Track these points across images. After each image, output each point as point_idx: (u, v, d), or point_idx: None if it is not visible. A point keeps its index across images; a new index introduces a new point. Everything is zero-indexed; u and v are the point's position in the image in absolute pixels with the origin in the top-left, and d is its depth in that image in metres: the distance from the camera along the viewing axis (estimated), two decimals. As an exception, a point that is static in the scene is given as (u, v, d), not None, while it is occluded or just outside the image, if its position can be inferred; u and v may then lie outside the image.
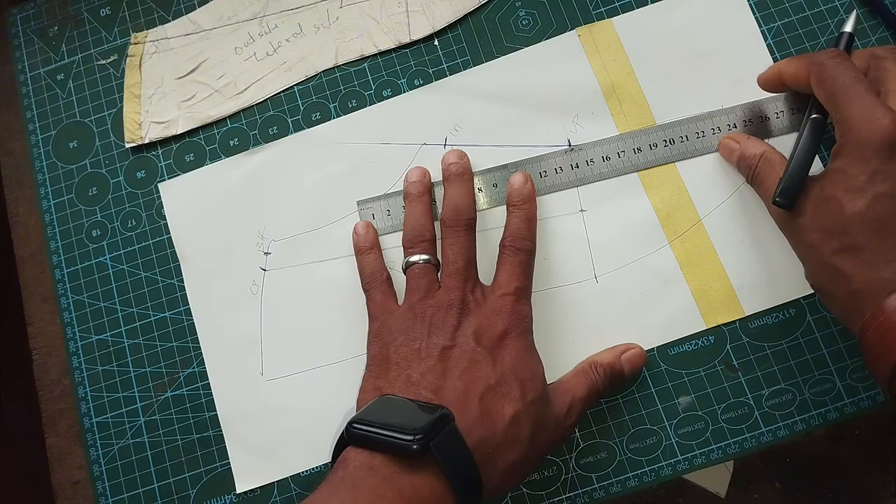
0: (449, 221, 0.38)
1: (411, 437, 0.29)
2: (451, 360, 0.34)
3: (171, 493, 0.40)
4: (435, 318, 0.35)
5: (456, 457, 0.30)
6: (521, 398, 0.33)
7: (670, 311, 0.39)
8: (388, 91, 0.43)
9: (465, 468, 0.30)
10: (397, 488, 0.29)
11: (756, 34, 0.41)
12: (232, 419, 0.41)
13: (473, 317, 0.35)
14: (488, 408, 0.32)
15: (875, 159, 0.31)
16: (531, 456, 0.33)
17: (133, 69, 0.46)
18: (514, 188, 0.39)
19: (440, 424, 0.30)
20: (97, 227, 0.44)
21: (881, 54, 0.35)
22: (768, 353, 0.38)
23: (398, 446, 0.30)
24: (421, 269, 0.37)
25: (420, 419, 0.30)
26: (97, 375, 0.42)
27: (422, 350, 0.34)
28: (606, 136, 0.41)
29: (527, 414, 0.33)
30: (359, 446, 0.31)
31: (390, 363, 0.35)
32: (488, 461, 0.31)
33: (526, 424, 0.33)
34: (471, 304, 0.36)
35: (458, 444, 0.31)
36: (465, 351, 0.34)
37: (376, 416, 0.31)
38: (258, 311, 0.42)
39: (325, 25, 0.45)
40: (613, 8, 0.43)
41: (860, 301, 0.31)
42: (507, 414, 0.32)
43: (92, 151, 0.45)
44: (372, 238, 0.40)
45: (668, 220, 0.40)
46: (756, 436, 0.38)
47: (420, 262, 0.37)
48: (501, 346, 0.34)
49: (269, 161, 0.43)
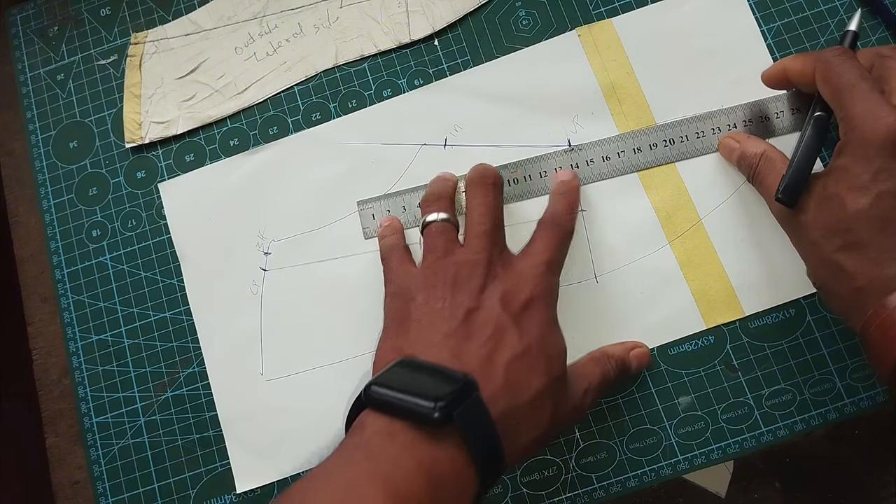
0: (475, 179, 0.36)
1: (433, 405, 0.27)
2: (475, 323, 0.32)
3: (171, 493, 0.40)
4: (459, 276, 0.33)
5: (479, 428, 0.29)
6: (547, 373, 0.32)
7: (670, 311, 0.39)
8: (388, 91, 0.43)
9: (489, 440, 0.29)
10: (417, 458, 0.28)
11: (756, 34, 0.41)
12: (232, 419, 0.41)
13: (500, 281, 0.33)
14: (514, 378, 0.31)
15: (879, 157, 0.31)
16: (549, 434, 0.32)
17: (133, 69, 0.46)
18: (562, 179, 0.39)
19: (464, 393, 0.28)
20: (97, 227, 0.44)
21: (886, 53, 0.35)
22: (768, 353, 0.38)
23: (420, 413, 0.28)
24: (439, 228, 0.35)
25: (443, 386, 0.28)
26: (97, 375, 0.42)
27: (445, 310, 0.32)
28: (606, 136, 0.41)
29: (551, 390, 0.32)
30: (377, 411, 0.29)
31: (410, 321, 0.33)
32: (511, 434, 0.30)
33: (549, 401, 0.32)
34: (497, 267, 0.34)
35: (482, 415, 0.29)
36: (491, 315, 0.32)
37: (396, 379, 0.29)
38: (258, 311, 0.42)
39: (325, 25, 0.45)
40: (613, 8, 0.43)
41: (862, 299, 0.31)
42: (534, 387, 0.31)
43: (92, 151, 0.45)
44: (396, 226, 0.39)
45: (668, 220, 0.40)
46: (756, 436, 0.38)
47: (438, 221, 0.35)
48: (527, 315, 0.33)
49: (269, 161, 0.43)
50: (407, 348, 0.32)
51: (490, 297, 0.33)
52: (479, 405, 0.29)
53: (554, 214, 0.37)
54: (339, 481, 0.27)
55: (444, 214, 0.36)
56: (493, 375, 0.31)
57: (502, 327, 0.32)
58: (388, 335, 0.34)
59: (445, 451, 0.28)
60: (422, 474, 0.27)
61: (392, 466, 0.27)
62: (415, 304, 0.33)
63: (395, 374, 0.30)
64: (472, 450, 0.28)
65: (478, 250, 0.34)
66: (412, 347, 0.32)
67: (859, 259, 0.31)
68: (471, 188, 0.36)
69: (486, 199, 0.35)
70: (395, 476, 0.27)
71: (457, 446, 0.28)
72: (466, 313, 0.32)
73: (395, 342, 0.33)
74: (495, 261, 0.34)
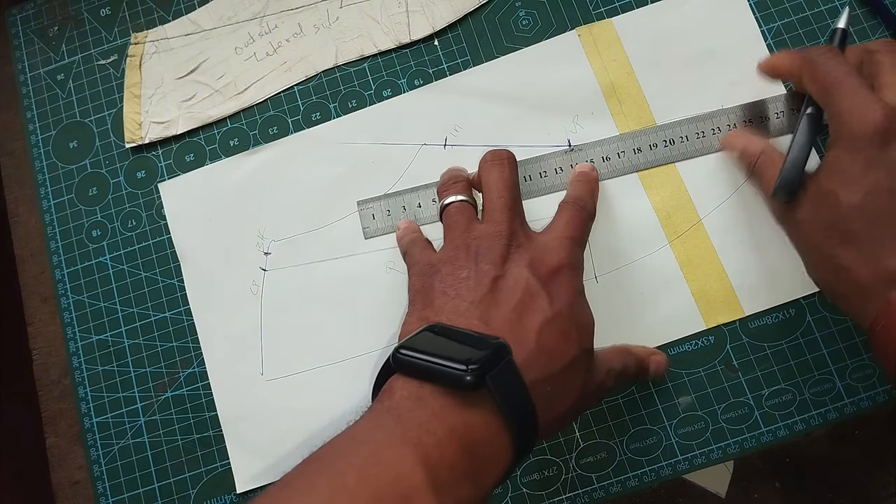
0: (489, 157, 0.35)
1: (465, 368, 0.26)
2: (503, 290, 0.31)
3: (171, 493, 0.40)
4: (482, 247, 0.32)
5: (514, 393, 0.27)
6: (578, 342, 0.30)
7: (670, 311, 0.39)
8: (388, 91, 0.43)
9: (523, 406, 0.28)
10: (449, 424, 0.26)
11: (756, 34, 0.41)
12: (232, 419, 0.41)
13: (525, 250, 0.32)
14: (546, 343, 0.30)
15: (868, 150, 0.31)
16: (578, 408, 0.31)
17: (133, 69, 0.46)
18: (581, 170, 0.39)
19: (497, 356, 0.27)
20: (97, 227, 0.44)
21: (874, 48, 0.35)
22: (768, 353, 0.38)
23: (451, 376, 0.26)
24: (458, 207, 0.35)
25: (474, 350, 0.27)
26: (97, 375, 0.42)
27: (470, 279, 0.31)
28: (606, 136, 0.41)
29: (583, 359, 0.31)
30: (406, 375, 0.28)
31: (435, 293, 0.32)
32: (545, 402, 0.29)
33: (581, 369, 0.30)
34: (521, 237, 0.33)
35: (517, 380, 0.28)
36: (519, 280, 0.31)
37: (426, 343, 0.28)
38: (258, 311, 0.42)
39: (325, 25, 0.45)
40: (613, 8, 0.43)
41: (865, 296, 0.31)
42: (568, 354, 0.30)
43: (92, 151, 0.45)
44: (413, 226, 0.39)
45: (668, 220, 0.40)
46: (756, 436, 0.38)
47: (456, 202, 0.35)
48: (556, 281, 0.31)
49: (269, 161, 0.43)
50: (433, 317, 0.31)
51: (516, 265, 0.32)
52: (512, 369, 0.28)
53: (576, 197, 0.36)
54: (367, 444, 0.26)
55: (462, 196, 0.35)
56: (524, 340, 0.29)
57: (531, 292, 0.31)
58: (414, 308, 0.32)
59: (479, 416, 0.27)
60: (454, 440, 0.26)
61: (423, 432, 0.26)
62: (439, 277, 0.32)
63: (424, 338, 0.29)
64: (507, 415, 0.27)
65: (499, 221, 0.33)
66: (439, 316, 0.31)
67: (857, 255, 0.31)
68: (485, 166, 0.35)
69: (503, 174, 0.35)
70: (427, 441, 0.26)
71: (490, 412, 0.27)
72: (493, 280, 0.31)
73: (421, 313, 0.32)
74: (518, 232, 0.33)
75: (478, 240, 0.33)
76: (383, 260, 0.41)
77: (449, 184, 0.37)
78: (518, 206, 0.34)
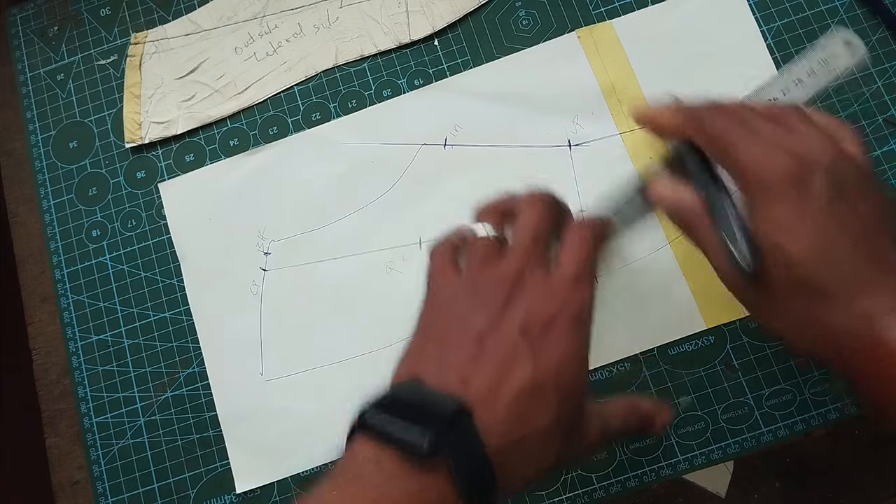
0: (527, 196, 0.35)
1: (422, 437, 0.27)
2: (489, 347, 0.31)
3: (171, 494, 0.40)
4: (484, 291, 0.32)
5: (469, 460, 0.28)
6: (557, 410, 0.30)
7: (670, 311, 0.39)
8: (388, 91, 0.43)
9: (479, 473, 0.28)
10: (404, 488, 0.28)
11: (756, 34, 0.41)
12: (232, 419, 0.41)
13: (526, 297, 0.31)
14: (519, 411, 0.30)
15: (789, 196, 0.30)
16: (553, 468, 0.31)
17: (133, 69, 0.46)
18: None
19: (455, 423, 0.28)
20: (97, 227, 0.44)
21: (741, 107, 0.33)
22: (768, 353, 0.38)
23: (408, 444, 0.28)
24: (482, 241, 0.34)
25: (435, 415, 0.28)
26: (97, 375, 0.42)
27: (463, 330, 0.31)
28: (606, 136, 0.41)
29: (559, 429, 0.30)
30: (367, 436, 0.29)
31: (428, 339, 0.32)
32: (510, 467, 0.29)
33: (556, 439, 0.30)
34: (527, 282, 0.32)
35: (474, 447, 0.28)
36: (507, 339, 0.31)
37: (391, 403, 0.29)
38: (258, 311, 0.42)
39: (325, 25, 0.45)
40: (613, 8, 0.43)
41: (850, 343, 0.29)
42: (540, 424, 0.30)
43: (92, 151, 0.45)
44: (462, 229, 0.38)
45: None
46: (756, 436, 0.38)
47: (484, 234, 0.35)
48: (547, 340, 0.31)
49: (269, 161, 0.43)
50: (420, 368, 0.31)
51: (511, 318, 0.31)
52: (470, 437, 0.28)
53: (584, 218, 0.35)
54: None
55: (491, 227, 0.35)
56: (496, 406, 0.29)
57: (515, 354, 0.30)
58: (410, 347, 0.33)
59: (434, 481, 0.28)
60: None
61: (380, 495, 0.27)
62: (437, 319, 0.33)
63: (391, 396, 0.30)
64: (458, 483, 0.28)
65: (509, 262, 0.32)
66: (425, 368, 0.31)
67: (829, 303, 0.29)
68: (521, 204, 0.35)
69: (532, 211, 0.34)
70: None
71: (447, 476, 0.28)
72: (481, 335, 0.31)
73: (411, 359, 0.32)
74: (526, 276, 0.32)
75: (486, 281, 0.32)
76: (383, 260, 0.41)
77: (485, 211, 0.36)
78: (536, 247, 0.33)
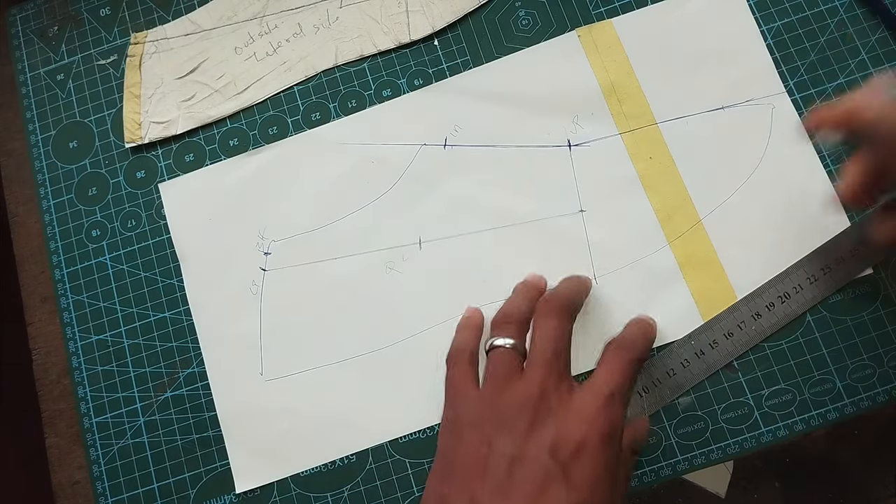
0: (543, 303, 0.34)
1: None
2: (518, 475, 0.30)
3: (170, 494, 0.40)
4: (508, 413, 0.31)
5: None
6: None
7: (670, 311, 0.39)
8: (388, 91, 0.43)
9: None
10: None
11: (756, 34, 0.41)
12: (232, 419, 0.41)
13: (552, 420, 0.31)
14: None
15: None
16: None
17: (133, 69, 0.46)
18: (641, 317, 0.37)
19: None
20: (97, 227, 0.44)
21: None
22: (768, 353, 0.38)
23: None
24: (502, 354, 0.33)
25: None
26: (97, 375, 0.42)
27: (489, 458, 0.30)
28: (606, 136, 0.41)
29: None
30: None
31: (455, 469, 0.31)
32: None
33: None
34: (552, 401, 0.31)
35: None
36: (537, 466, 0.30)
37: None
38: (258, 311, 0.42)
39: (324, 25, 0.45)
40: (613, 8, 0.43)
41: None
42: None
43: (92, 151, 0.45)
44: (475, 320, 0.38)
45: (668, 220, 0.40)
46: (756, 436, 0.38)
47: (503, 347, 0.33)
48: (580, 462, 0.30)
49: (269, 161, 0.43)
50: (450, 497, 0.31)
51: (536, 443, 0.30)
52: None
53: (625, 338, 0.34)
54: None
55: (511, 340, 0.34)
56: None
57: (547, 479, 0.29)
58: (436, 473, 0.33)
59: None
60: None
61: None
62: (462, 444, 0.32)
63: None
64: None
65: (532, 380, 0.32)
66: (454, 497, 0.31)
67: None
68: (538, 312, 0.34)
69: (550, 323, 0.33)
70: None
71: None
72: (510, 463, 0.30)
73: (439, 488, 0.32)
74: (550, 394, 0.31)
75: (507, 402, 0.32)
76: (383, 260, 0.41)
77: (501, 322, 0.35)
78: (558, 362, 0.33)
